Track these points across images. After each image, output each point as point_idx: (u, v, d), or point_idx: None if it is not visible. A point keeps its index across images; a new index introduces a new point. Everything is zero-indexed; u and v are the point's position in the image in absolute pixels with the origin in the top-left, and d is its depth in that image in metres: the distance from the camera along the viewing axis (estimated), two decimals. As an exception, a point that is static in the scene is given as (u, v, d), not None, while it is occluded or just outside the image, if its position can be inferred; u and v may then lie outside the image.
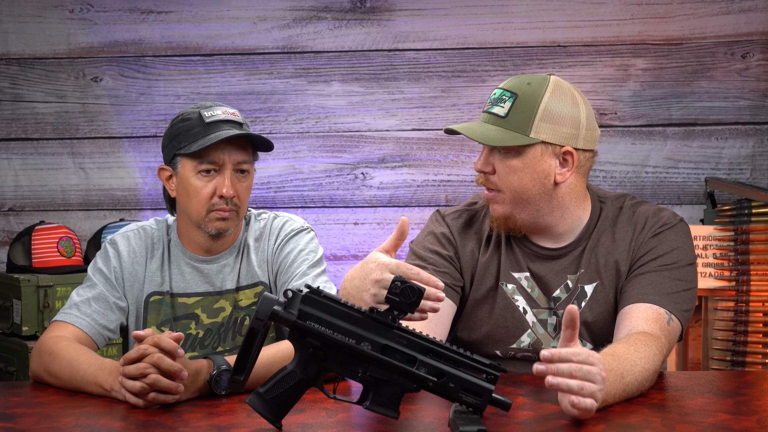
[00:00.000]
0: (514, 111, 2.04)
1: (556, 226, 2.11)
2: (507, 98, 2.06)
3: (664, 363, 1.94)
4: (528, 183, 2.05)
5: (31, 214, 3.82)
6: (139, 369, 1.78)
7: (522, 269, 2.13)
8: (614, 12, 3.65)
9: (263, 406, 1.61)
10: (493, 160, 2.07)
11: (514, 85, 2.08)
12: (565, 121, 2.04)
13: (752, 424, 1.64)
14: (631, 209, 2.14)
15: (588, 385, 1.63)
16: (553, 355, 1.63)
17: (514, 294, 2.12)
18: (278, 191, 3.77)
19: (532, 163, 2.04)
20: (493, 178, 2.07)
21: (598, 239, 2.12)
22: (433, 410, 1.72)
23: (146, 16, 3.77)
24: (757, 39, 3.61)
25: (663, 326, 1.96)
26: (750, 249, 3.29)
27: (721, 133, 3.64)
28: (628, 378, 1.78)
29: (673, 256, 2.06)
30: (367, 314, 1.59)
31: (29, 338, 3.36)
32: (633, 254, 2.08)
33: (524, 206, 2.07)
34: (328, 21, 3.74)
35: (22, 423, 1.71)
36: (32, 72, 3.81)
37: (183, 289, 2.22)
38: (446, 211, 2.23)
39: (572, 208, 2.11)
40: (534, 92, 2.04)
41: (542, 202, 2.07)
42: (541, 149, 2.04)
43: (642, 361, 1.83)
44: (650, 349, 1.87)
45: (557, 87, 2.06)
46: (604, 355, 1.77)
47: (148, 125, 3.79)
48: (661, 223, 2.09)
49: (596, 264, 2.10)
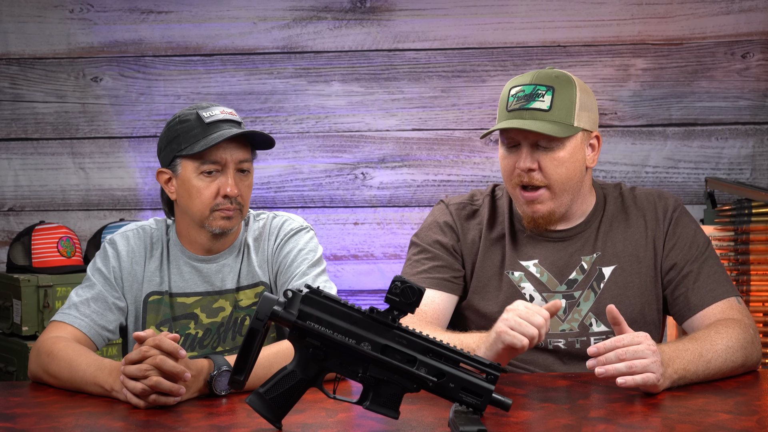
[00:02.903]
0: (557, 103, 2.08)
1: (575, 212, 2.18)
2: (543, 92, 2.08)
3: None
4: (573, 172, 2.11)
5: (31, 214, 3.82)
6: (141, 370, 1.78)
7: (531, 256, 2.17)
8: (614, 12, 3.65)
9: (263, 406, 1.61)
10: (537, 156, 2.09)
11: (543, 79, 2.10)
12: (593, 107, 2.14)
13: (752, 424, 1.64)
14: (631, 193, 2.22)
15: (637, 362, 1.75)
16: (599, 348, 1.77)
17: (521, 282, 2.15)
18: (278, 191, 3.77)
19: (575, 153, 2.10)
20: (538, 174, 2.09)
21: (611, 224, 2.18)
22: (433, 410, 1.72)
23: (146, 16, 3.77)
24: (757, 39, 3.61)
25: (738, 309, 2.07)
26: (750, 249, 3.29)
27: (721, 133, 3.64)
28: (709, 355, 1.90)
29: (700, 237, 2.16)
30: (367, 314, 1.59)
31: (29, 338, 3.36)
32: (657, 244, 2.15)
33: (565, 197, 2.13)
34: (328, 21, 3.74)
35: (22, 423, 1.71)
36: (32, 72, 3.81)
37: (182, 289, 2.22)
38: (450, 200, 2.26)
39: (586, 194, 2.19)
40: (567, 83, 2.10)
41: (577, 189, 2.14)
42: (581, 137, 2.11)
43: (724, 340, 1.94)
44: (731, 329, 1.98)
45: (577, 79, 2.14)
46: (682, 339, 1.94)
47: (148, 125, 3.79)
48: (672, 208, 2.18)
49: (614, 248, 2.15)
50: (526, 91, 2.08)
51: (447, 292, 2.16)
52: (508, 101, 2.10)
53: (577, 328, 2.12)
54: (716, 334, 1.96)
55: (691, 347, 1.90)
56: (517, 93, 2.10)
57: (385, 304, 1.58)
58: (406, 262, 2.23)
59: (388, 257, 3.73)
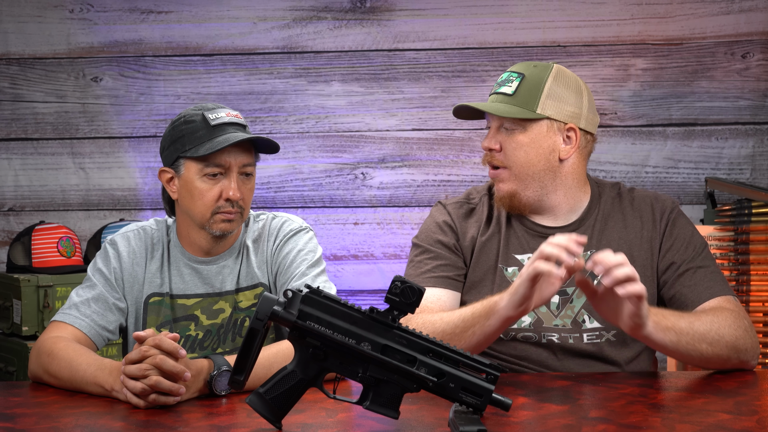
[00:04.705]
0: (521, 89, 2.15)
1: (560, 205, 2.19)
2: (514, 78, 2.17)
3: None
4: (534, 158, 2.14)
5: (31, 214, 3.82)
6: (141, 370, 1.78)
7: (525, 250, 2.18)
8: (614, 12, 3.65)
9: (263, 406, 1.61)
10: (500, 137, 2.17)
11: (521, 68, 2.19)
12: (569, 100, 2.15)
13: (752, 424, 1.64)
14: (629, 194, 2.24)
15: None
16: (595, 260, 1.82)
17: (514, 276, 2.15)
18: (278, 191, 3.77)
19: (538, 139, 2.14)
20: (500, 155, 2.17)
21: (606, 222, 2.20)
22: (433, 410, 1.72)
23: (146, 16, 3.77)
24: (757, 39, 3.61)
25: (734, 303, 2.09)
26: (750, 249, 3.29)
27: (721, 133, 3.64)
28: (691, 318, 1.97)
29: (697, 239, 2.18)
30: (367, 314, 1.59)
31: (29, 338, 3.36)
32: (653, 245, 2.16)
33: (529, 182, 2.16)
34: (328, 21, 3.74)
35: (22, 423, 1.71)
36: (32, 72, 3.81)
37: (182, 291, 2.22)
38: (447, 201, 2.30)
39: (574, 189, 2.20)
40: (540, 73, 2.16)
41: (547, 178, 2.16)
42: (547, 125, 2.14)
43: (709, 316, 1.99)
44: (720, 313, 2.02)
45: (561, 72, 2.18)
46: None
47: (148, 125, 3.79)
48: (669, 210, 2.20)
49: (608, 246, 2.15)
50: (503, 77, 2.20)
51: (451, 289, 2.18)
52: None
53: (570, 324, 2.13)
54: (703, 313, 2.02)
55: (671, 311, 1.99)
56: (498, 79, 2.22)
57: (385, 304, 1.58)
58: (409, 264, 2.24)
59: (388, 257, 3.73)
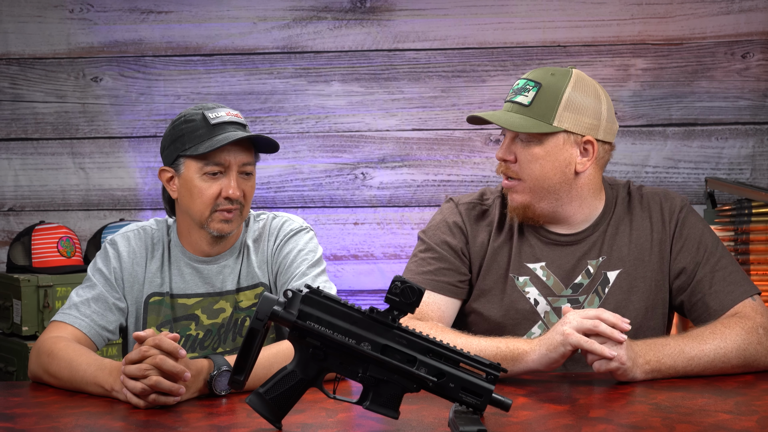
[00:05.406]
0: (538, 100, 2.07)
1: (574, 215, 2.15)
2: (531, 88, 2.09)
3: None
4: (549, 171, 2.09)
5: (31, 214, 3.82)
6: (141, 370, 1.78)
7: (537, 259, 2.15)
8: (614, 12, 3.65)
9: (263, 406, 1.61)
10: (515, 148, 2.10)
11: (538, 76, 2.11)
12: (587, 111, 2.09)
13: (752, 424, 1.64)
14: (638, 193, 2.20)
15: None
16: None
17: (525, 286, 2.13)
18: (278, 191, 3.77)
19: (554, 152, 2.08)
20: (514, 166, 2.11)
21: (617, 227, 2.16)
22: (433, 410, 1.72)
23: (146, 16, 3.77)
24: (757, 39, 3.61)
25: (752, 307, 2.05)
26: (750, 249, 3.29)
27: (721, 133, 3.64)
28: (693, 352, 1.93)
29: (708, 237, 2.14)
30: (367, 314, 1.59)
31: (29, 338, 3.36)
32: (663, 247, 2.14)
33: (544, 195, 2.11)
34: (328, 21, 3.74)
35: (22, 423, 1.71)
36: (32, 72, 3.81)
37: (183, 290, 2.22)
38: (460, 200, 2.24)
39: (590, 199, 2.15)
40: (557, 83, 2.08)
41: (562, 191, 2.11)
42: (564, 138, 2.08)
43: (717, 340, 1.95)
44: (730, 329, 1.97)
45: (580, 79, 2.10)
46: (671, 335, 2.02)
47: (148, 125, 3.79)
48: (678, 209, 2.16)
49: (619, 251, 2.14)
50: (520, 84, 2.12)
51: (451, 296, 2.14)
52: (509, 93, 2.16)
53: None
54: (710, 334, 1.97)
55: (672, 343, 1.94)
56: (514, 86, 2.14)
57: (385, 304, 1.58)
58: (412, 258, 2.21)
59: (388, 257, 3.73)
